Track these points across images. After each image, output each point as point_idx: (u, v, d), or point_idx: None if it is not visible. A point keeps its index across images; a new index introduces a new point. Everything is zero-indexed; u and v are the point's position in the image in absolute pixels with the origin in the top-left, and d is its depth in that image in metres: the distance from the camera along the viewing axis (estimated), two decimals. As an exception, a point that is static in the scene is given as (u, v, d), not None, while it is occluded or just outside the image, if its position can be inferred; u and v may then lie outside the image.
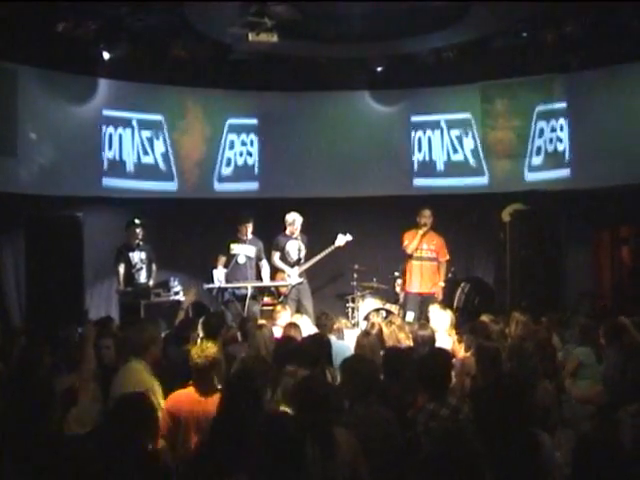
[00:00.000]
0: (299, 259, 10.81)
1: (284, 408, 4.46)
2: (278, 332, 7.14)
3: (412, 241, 10.43)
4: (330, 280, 11.96)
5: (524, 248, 10.90)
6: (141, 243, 10.32)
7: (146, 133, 11.66)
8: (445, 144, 12.33)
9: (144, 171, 11.66)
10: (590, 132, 11.19)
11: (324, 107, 12.40)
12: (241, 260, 10.36)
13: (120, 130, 11.39)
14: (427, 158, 12.43)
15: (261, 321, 7.93)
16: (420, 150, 12.42)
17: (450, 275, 11.01)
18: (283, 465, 3.30)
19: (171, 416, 4.71)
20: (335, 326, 7.55)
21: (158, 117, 11.77)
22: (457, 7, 9.63)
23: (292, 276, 10.62)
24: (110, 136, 11.30)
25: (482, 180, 12.15)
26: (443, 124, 12.34)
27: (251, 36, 9.54)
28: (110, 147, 11.30)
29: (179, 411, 4.73)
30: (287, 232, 10.78)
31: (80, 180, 10.92)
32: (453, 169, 12.32)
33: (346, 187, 12.14)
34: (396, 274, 11.17)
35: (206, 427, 4.18)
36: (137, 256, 10.27)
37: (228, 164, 12.29)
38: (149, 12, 9.62)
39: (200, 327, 7.28)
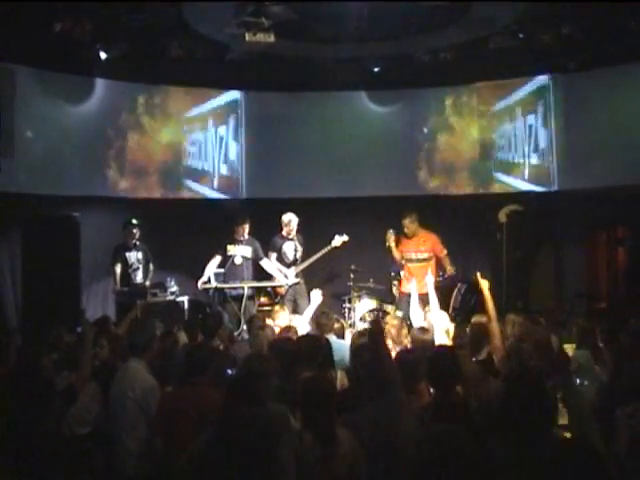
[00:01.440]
0: (295, 259, 10.82)
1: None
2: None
3: (393, 253, 10.41)
4: (327, 280, 11.95)
5: (520, 249, 10.92)
6: (138, 243, 10.36)
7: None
8: (445, 145, 12.39)
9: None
10: (587, 133, 11.22)
11: (321, 107, 12.43)
12: (238, 261, 10.34)
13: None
14: (424, 158, 12.51)
15: (268, 321, 7.92)
16: (420, 151, 12.50)
17: (446, 275, 11.02)
18: (257, 464, 3.32)
19: None
20: (336, 325, 7.56)
21: (159, 117, 11.81)
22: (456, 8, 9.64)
23: (289, 276, 10.62)
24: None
25: (481, 181, 12.19)
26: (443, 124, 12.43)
27: (248, 36, 9.54)
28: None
29: None
30: (283, 233, 10.78)
31: (77, 180, 10.92)
32: (454, 170, 12.37)
33: (343, 187, 12.17)
34: (392, 274, 11.18)
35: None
36: (134, 256, 10.31)
37: (225, 164, 12.30)
38: (146, 12, 9.61)
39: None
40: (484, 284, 6.66)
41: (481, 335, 6.41)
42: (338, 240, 10.73)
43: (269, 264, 10.57)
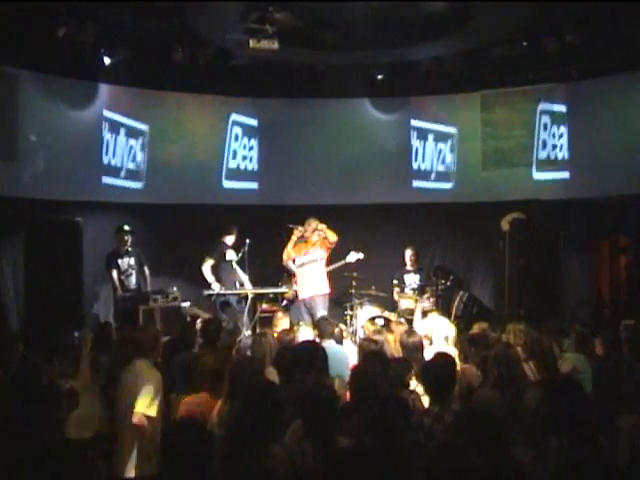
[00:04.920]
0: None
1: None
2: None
3: (288, 250, 10.26)
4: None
5: (523, 257, 10.90)
6: (130, 249, 10.35)
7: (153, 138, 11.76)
8: (447, 151, 12.39)
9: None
10: (589, 141, 11.23)
11: (324, 114, 12.42)
12: (235, 265, 10.41)
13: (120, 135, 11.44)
14: (426, 166, 12.51)
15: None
16: (421, 158, 12.49)
17: (449, 284, 11.03)
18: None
19: None
20: (335, 331, 7.55)
21: (164, 121, 11.84)
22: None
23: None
24: (109, 141, 11.30)
25: (483, 187, 12.18)
26: (446, 131, 12.42)
27: (252, 43, 9.55)
28: (109, 151, 11.29)
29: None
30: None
31: (80, 185, 10.90)
32: (454, 176, 12.37)
33: (346, 195, 12.15)
34: (394, 282, 11.16)
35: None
36: (126, 262, 10.32)
37: (229, 171, 12.31)
38: (150, 17, 9.62)
39: (199, 333, 7.29)
40: None
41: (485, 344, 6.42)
42: (353, 257, 10.52)
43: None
